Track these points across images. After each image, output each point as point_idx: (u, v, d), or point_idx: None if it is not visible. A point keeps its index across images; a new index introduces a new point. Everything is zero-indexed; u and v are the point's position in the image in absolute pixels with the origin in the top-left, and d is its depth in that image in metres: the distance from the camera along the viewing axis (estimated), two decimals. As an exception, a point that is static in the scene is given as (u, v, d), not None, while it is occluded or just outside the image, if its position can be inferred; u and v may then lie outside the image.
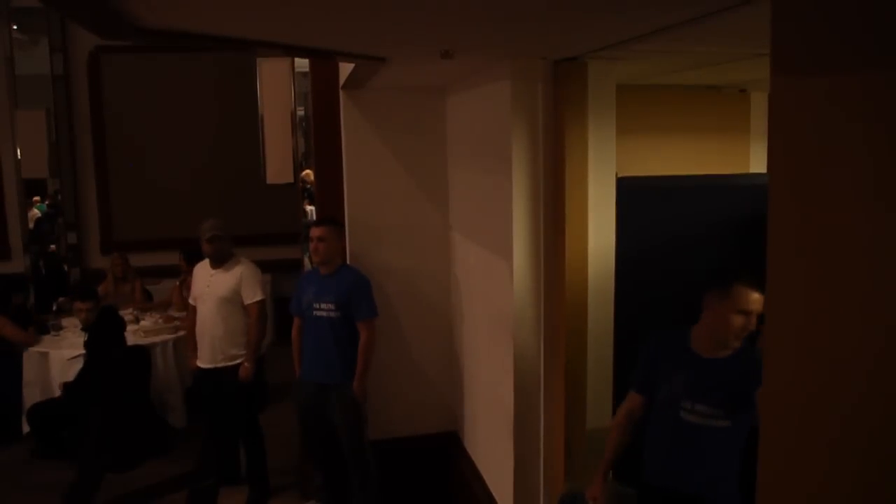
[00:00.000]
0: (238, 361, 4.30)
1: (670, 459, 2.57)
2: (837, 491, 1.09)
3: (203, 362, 4.38)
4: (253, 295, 4.30)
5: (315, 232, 3.92)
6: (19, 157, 7.33)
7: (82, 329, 5.11)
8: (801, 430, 1.14)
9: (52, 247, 9.19)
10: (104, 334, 5.01)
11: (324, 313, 3.90)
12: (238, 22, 2.05)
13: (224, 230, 4.33)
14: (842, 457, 1.07)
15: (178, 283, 6.42)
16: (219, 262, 4.34)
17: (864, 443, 1.03)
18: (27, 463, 5.06)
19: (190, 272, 6.03)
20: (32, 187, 9.45)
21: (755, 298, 2.38)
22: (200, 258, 4.81)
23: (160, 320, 5.95)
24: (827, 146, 1.07)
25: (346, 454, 3.98)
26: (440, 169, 4.20)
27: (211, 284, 4.33)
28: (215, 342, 4.30)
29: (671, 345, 2.62)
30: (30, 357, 5.45)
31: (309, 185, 8.69)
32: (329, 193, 4.34)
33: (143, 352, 5.29)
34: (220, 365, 4.31)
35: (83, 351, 5.18)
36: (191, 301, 4.54)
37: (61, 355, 5.34)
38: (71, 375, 5.16)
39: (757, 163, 4.03)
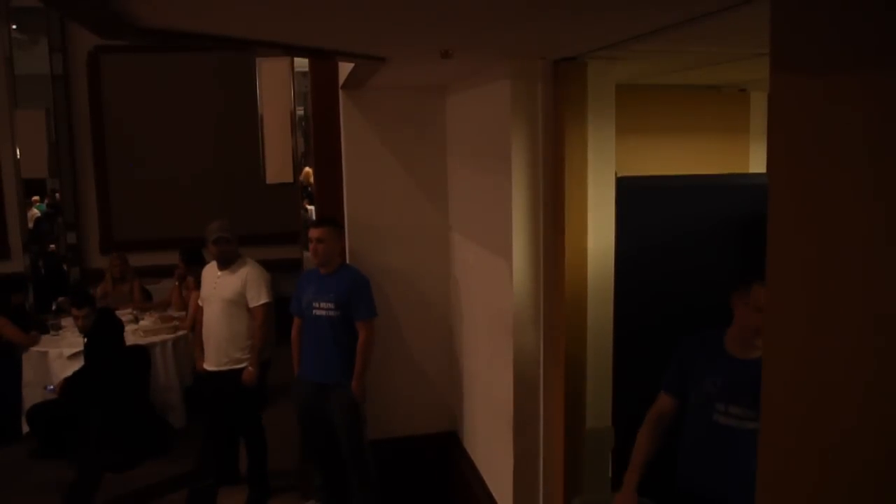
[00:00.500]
0: (242, 366, 4.29)
1: (704, 464, 2.53)
2: (837, 492, 1.09)
3: (209, 365, 4.38)
4: (258, 298, 4.29)
5: (314, 233, 3.92)
6: (19, 156, 7.33)
7: (81, 333, 5.13)
8: (800, 430, 1.14)
9: (52, 246, 9.19)
10: (103, 338, 5.02)
11: (323, 313, 3.90)
12: (238, 22, 2.05)
13: (230, 232, 4.33)
14: (841, 457, 1.07)
15: (176, 282, 6.43)
16: (225, 263, 4.34)
17: (863, 444, 1.03)
18: (27, 463, 5.06)
19: (188, 272, 6.05)
20: (32, 187, 9.45)
21: None
22: (199, 258, 4.82)
23: (159, 320, 5.94)
24: (827, 146, 1.07)
25: (346, 454, 3.98)
26: (440, 168, 4.20)
27: (217, 286, 4.33)
28: (220, 345, 4.30)
29: (706, 346, 2.59)
30: (29, 357, 5.45)
31: (308, 186, 8.70)
32: (329, 193, 4.34)
33: (143, 352, 5.30)
34: (224, 368, 4.31)
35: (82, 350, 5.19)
36: (199, 302, 4.54)
37: (60, 355, 5.35)
38: (70, 373, 5.17)
39: (756, 163, 4.03)
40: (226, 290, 4.29)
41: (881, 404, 0.99)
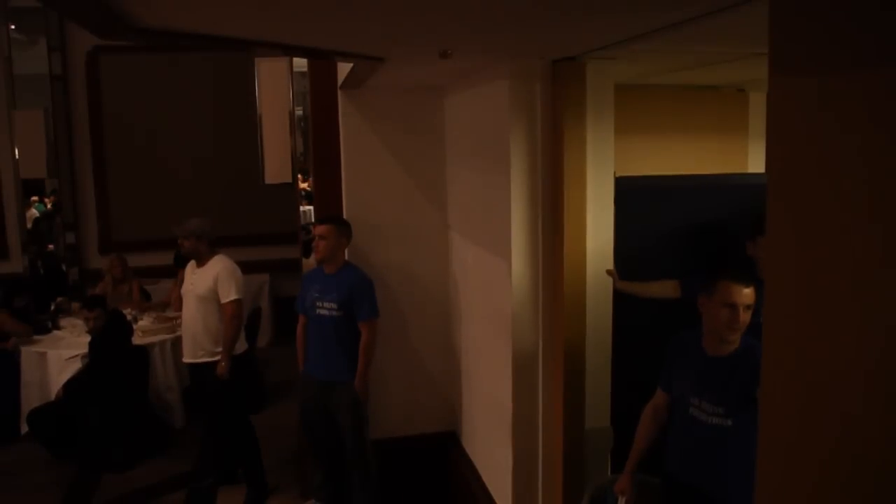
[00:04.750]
0: (217, 359, 4.31)
1: (683, 453, 2.67)
2: (837, 491, 1.09)
3: (186, 357, 4.42)
4: (227, 294, 4.30)
5: (317, 229, 3.95)
6: (17, 157, 7.32)
7: (91, 335, 5.14)
8: (800, 430, 1.15)
9: (51, 246, 9.18)
10: (112, 340, 5.03)
11: (326, 312, 3.91)
12: (237, 22, 2.05)
13: (195, 229, 4.33)
14: (841, 457, 1.07)
15: (176, 282, 6.42)
16: (199, 260, 4.38)
17: (862, 443, 1.03)
18: (27, 463, 5.05)
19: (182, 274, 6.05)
20: (31, 187, 9.44)
21: (738, 291, 2.47)
22: (187, 261, 4.84)
23: (158, 320, 5.94)
24: (825, 146, 1.07)
25: (348, 452, 3.99)
26: (439, 168, 4.20)
27: (193, 283, 4.38)
28: (196, 338, 4.34)
29: (686, 343, 2.71)
30: (28, 357, 5.45)
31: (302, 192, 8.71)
32: (328, 193, 4.34)
33: (142, 352, 5.30)
34: (200, 360, 4.33)
35: (82, 351, 5.19)
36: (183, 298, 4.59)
37: (59, 355, 5.34)
38: (69, 375, 5.17)
39: (755, 162, 4.04)
40: (199, 287, 4.33)
41: (880, 404, 1.00)
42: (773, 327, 1.20)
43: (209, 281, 4.31)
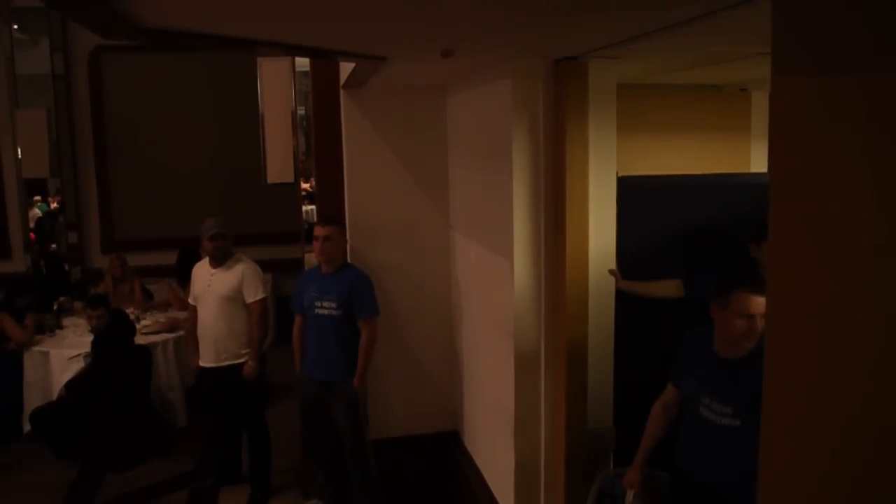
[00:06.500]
0: (241, 361, 4.29)
1: (693, 450, 2.67)
2: (837, 491, 1.08)
3: (206, 362, 4.37)
4: (255, 293, 4.30)
5: (322, 231, 3.91)
6: (20, 156, 7.33)
7: (91, 332, 5.15)
8: (801, 430, 1.14)
9: (53, 246, 9.19)
10: (115, 339, 5.04)
11: (325, 311, 3.91)
12: (239, 21, 2.05)
13: (226, 228, 4.33)
14: (842, 457, 1.06)
15: (177, 283, 6.43)
16: (219, 261, 4.34)
17: (864, 443, 1.03)
18: (27, 463, 5.06)
19: (184, 278, 6.03)
20: (33, 187, 9.45)
21: (755, 302, 2.45)
22: (192, 261, 4.83)
23: (161, 320, 5.95)
24: (827, 145, 1.07)
25: (347, 452, 3.99)
26: (441, 168, 4.20)
27: (212, 284, 4.32)
28: (219, 341, 4.29)
29: (698, 342, 2.71)
30: (30, 356, 5.46)
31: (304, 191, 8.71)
32: (330, 193, 4.34)
33: (144, 351, 5.30)
34: (223, 364, 4.31)
35: (84, 350, 5.20)
36: (191, 301, 4.52)
37: (62, 355, 5.35)
38: (71, 375, 5.17)
39: (757, 162, 4.03)
40: (222, 287, 4.28)
41: (881, 404, 0.99)
42: (775, 328, 1.20)
43: (234, 281, 4.29)
